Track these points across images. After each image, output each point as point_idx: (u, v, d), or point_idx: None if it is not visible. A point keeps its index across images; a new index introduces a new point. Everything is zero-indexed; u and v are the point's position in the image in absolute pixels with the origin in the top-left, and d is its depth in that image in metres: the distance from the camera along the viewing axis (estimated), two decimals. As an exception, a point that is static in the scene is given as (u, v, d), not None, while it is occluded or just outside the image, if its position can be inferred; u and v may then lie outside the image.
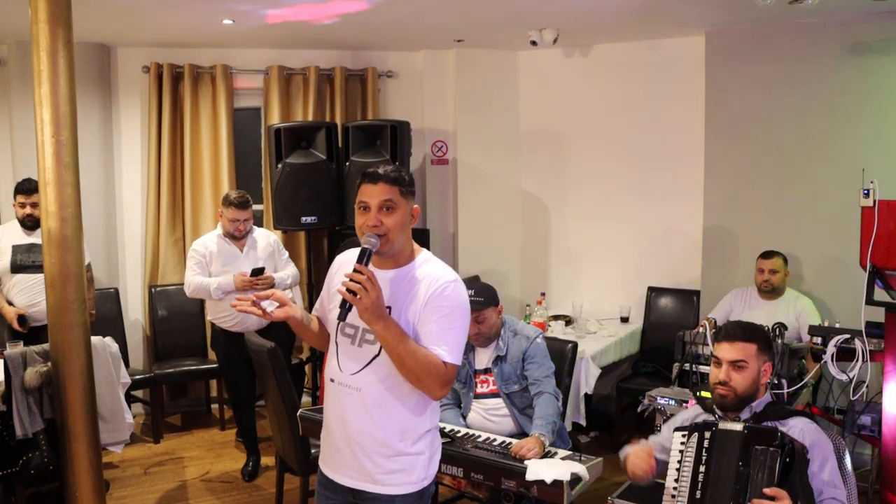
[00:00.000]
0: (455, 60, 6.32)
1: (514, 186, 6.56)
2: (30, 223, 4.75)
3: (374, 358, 2.32)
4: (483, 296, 3.55)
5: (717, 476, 2.43)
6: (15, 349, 3.73)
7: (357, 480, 2.38)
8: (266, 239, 4.91)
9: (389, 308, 2.31)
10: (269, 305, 2.41)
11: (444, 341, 2.27)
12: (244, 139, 6.31)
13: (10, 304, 4.76)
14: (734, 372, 2.59)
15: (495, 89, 6.42)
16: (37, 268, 4.70)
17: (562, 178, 6.41)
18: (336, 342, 2.43)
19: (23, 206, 4.74)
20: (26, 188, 4.75)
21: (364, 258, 2.23)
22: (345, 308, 2.21)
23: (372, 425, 2.33)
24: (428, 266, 2.38)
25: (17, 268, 4.78)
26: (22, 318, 4.68)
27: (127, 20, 5.13)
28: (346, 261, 2.51)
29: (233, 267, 4.67)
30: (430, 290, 2.30)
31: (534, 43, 5.55)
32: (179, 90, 5.95)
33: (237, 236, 4.72)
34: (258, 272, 4.59)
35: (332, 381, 2.43)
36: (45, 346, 3.64)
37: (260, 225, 5.63)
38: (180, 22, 5.22)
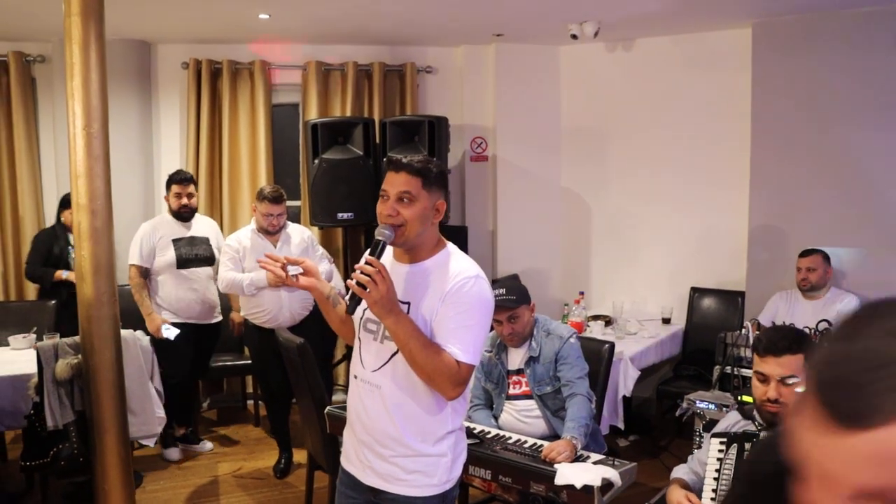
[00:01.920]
0: (494, 55, 6.23)
1: (555, 184, 6.45)
2: (185, 214, 4.93)
3: (393, 355, 2.25)
4: (515, 294, 3.46)
5: None
6: (48, 341, 3.75)
7: (377, 479, 2.32)
8: (300, 234, 4.87)
9: (408, 304, 2.23)
10: (293, 270, 2.37)
11: (458, 340, 2.17)
12: (282, 135, 6.31)
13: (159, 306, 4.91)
14: (785, 388, 2.38)
15: (535, 85, 6.32)
16: (200, 261, 4.96)
17: (603, 175, 6.28)
18: (359, 338, 2.38)
19: (178, 196, 4.89)
20: (182, 178, 4.93)
21: (376, 250, 2.16)
22: (354, 300, 2.15)
23: (391, 424, 2.26)
24: (450, 261, 2.28)
25: (182, 262, 4.88)
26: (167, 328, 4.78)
27: (166, 16, 5.15)
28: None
29: None
30: (448, 286, 2.20)
31: (574, 37, 5.44)
32: (218, 86, 5.97)
33: (271, 231, 4.69)
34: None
35: (355, 377, 2.39)
36: (77, 338, 3.65)
37: (297, 221, 5.61)
38: (218, 17, 5.21)
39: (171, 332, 4.71)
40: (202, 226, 5.09)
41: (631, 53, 6.02)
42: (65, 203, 5.33)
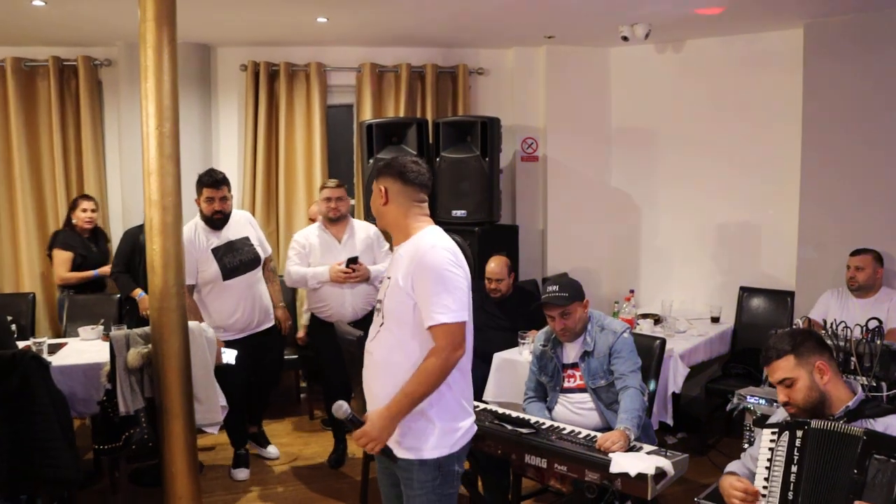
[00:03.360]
0: (546, 57, 6.31)
1: (605, 184, 6.51)
2: (218, 221, 4.49)
3: (381, 325, 2.55)
4: (568, 291, 3.54)
5: (816, 477, 2.34)
6: (119, 331, 3.92)
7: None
8: (366, 231, 4.94)
9: (390, 279, 2.56)
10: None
11: (438, 306, 2.41)
12: (337, 135, 6.46)
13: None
14: (788, 390, 2.52)
15: (586, 86, 6.39)
16: (246, 266, 4.57)
17: (653, 175, 6.33)
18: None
19: (210, 200, 4.44)
20: (214, 180, 4.44)
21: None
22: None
23: (379, 389, 2.52)
24: (418, 238, 2.55)
25: (228, 273, 4.49)
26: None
27: (227, 20, 5.33)
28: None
29: (331, 257, 4.73)
30: (414, 263, 2.47)
31: (625, 38, 5.50)
32: (275, 87, 6.14)
33: (333, 218, 4.76)
34: (353, 261, 4.66)
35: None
36: (147, 328, 3.82)
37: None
38: (277, 21, 5.38)
39: (230, 356, 4.37)
40: (236, 224, 4.64)
41: (681, 55, 6.06)
42: None
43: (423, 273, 2.43)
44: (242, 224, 4.71)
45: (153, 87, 3.56)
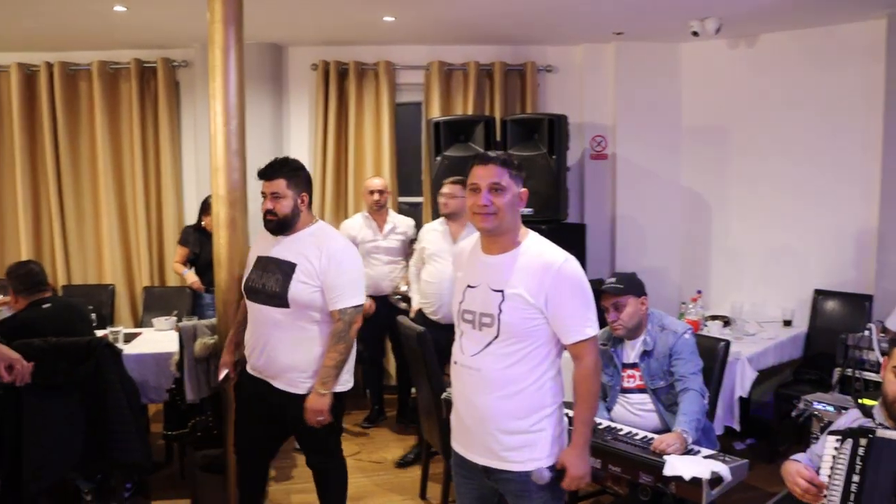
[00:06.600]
0: (615, 54, 6.24)
1: (675, 183, 6.39)
2: (269, 222, 3.29)
3: (493, 339, 2.42)
4: (623, 283, 3.50)
5: (873, 487, 2.27)
6: (188, 322, 4.05)
7: (486, 458, 2.48)
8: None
9: (501, 291, 2.39)
10: None
11: (585, 319, 2.41)
12: (405, 133, 6.52)
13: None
14: None
15: (656, 83, 6.29)
16: (268, 296, 3.23)
17: (725, 174, 6.18)
18: (459, 328, 2.56)
19: (263, 196, 3.29)
20: (262, 171, 3.29)
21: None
22: None
23: (493, 403, 2.42)
24: (537, 248, 2.45)
25: (248, 291, 3.36)
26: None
27: (298, 21, 5.45)
28: (462, 249, 2.69)
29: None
30: (549, 277, 2.37)
31: (695, 34, 5.40)
32: (345, 86, 6.23)
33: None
34: None
35: (455, 363, 2.56)
36: (213, 320, 3.93)
37: (419, 216, 5.76)
38: (345, 20, 5.47)
39: (221, 373, 3.59)
40: (304, 242, 3.27)
41: (754, 49, 5.90)
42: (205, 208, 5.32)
43: (566, 288, 2.38)
44: (312, 247, 3.24)
45: (220, 86, 3.67)
